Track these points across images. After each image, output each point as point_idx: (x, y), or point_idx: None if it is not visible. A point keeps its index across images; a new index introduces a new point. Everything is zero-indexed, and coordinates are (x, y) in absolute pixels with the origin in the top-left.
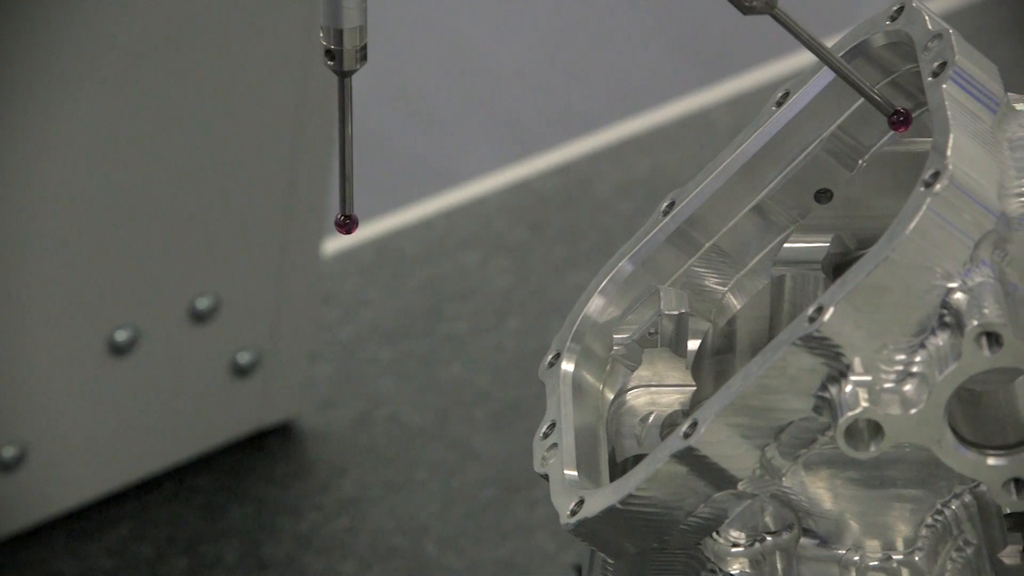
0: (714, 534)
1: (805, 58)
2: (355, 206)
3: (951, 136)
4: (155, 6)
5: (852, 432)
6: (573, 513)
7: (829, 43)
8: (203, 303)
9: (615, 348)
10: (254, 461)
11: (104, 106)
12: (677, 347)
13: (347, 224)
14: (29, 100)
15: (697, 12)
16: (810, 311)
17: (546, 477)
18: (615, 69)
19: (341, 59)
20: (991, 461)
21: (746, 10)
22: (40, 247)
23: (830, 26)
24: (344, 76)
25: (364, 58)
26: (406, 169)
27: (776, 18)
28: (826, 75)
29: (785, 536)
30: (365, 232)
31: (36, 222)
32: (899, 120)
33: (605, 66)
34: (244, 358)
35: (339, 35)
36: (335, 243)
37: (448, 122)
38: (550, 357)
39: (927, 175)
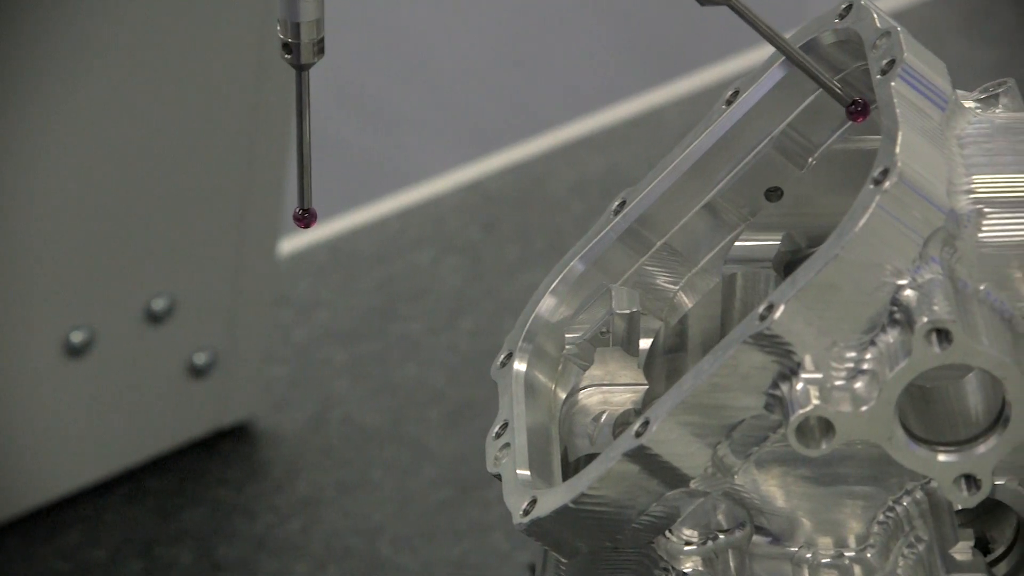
0: (667, 532)
1: (756, 57)
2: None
3: (900, 133)
4: (106, 6)
5: (803, 430)
6: (526, 513)
7: None
8: (159, 304)
9: (567, 347)
10: (208, 463)
11: (57, 108)
12: (629, 346)
13: (305, 218)
14: None
15: (649, 12)
16: (761, 309)
17: (499, 477)
18: (567, 69)
19: (298, 52)
20: (942, 457)
21: (703, 1)
22: None
23: (780, 24)
24: (302, 70)
25: (321, 51)
26: (359, 170)
27: (733, 8)
28: (776, 74)
29: (737, 534)
30: (319, 233)
31: None
32: (857, 110)
33: (557, 66)
34: (201, 359)
35: (296, 29)
36: (289, 244)
37: (401, 122)
38: (502, 357)
39: (876, 172)
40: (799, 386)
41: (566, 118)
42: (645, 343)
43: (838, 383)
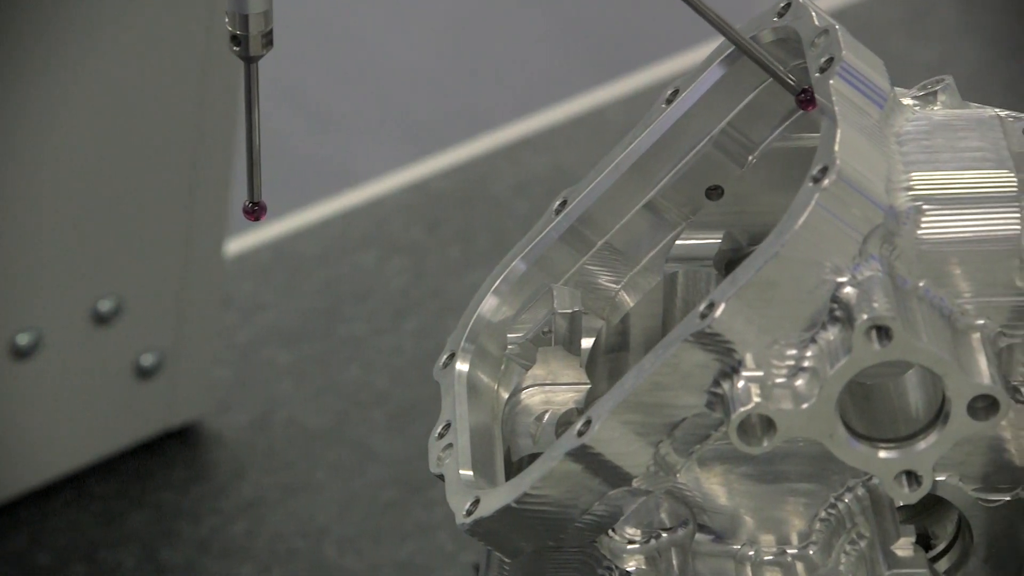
0: (610, 531)
1: (699, 56)
2: None
3: (839, 131)
4: (44, 4)
5: (745, 427)
6: (469, 513)
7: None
8: (105, 305)
9: (509, 347)
10: (152, 466)
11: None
12: (571, 345)
13: (255, 211)
14: None
15: (591, 11)
16: (701, 307)
17: (441, 477)
18: (510, 68)
19: (247, 44)
20: (883, 454)
21: None
22: None
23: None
24: (250, 62)
25: (270, 43)
26: (302, 170)
27: None
28: (715, 72)
29: (680, 532)
30: (262, 234)
31: None
32: (806, 98)
33: (500, 65)
34: (148, 360)
35: (244, 20)
36: (232, 246)
37: (344, 122)
38: (444, 357)
39: (815, 170)
40: (740, 384)
41: (509, 118)
42: (587, 342)
43: (779, 381)
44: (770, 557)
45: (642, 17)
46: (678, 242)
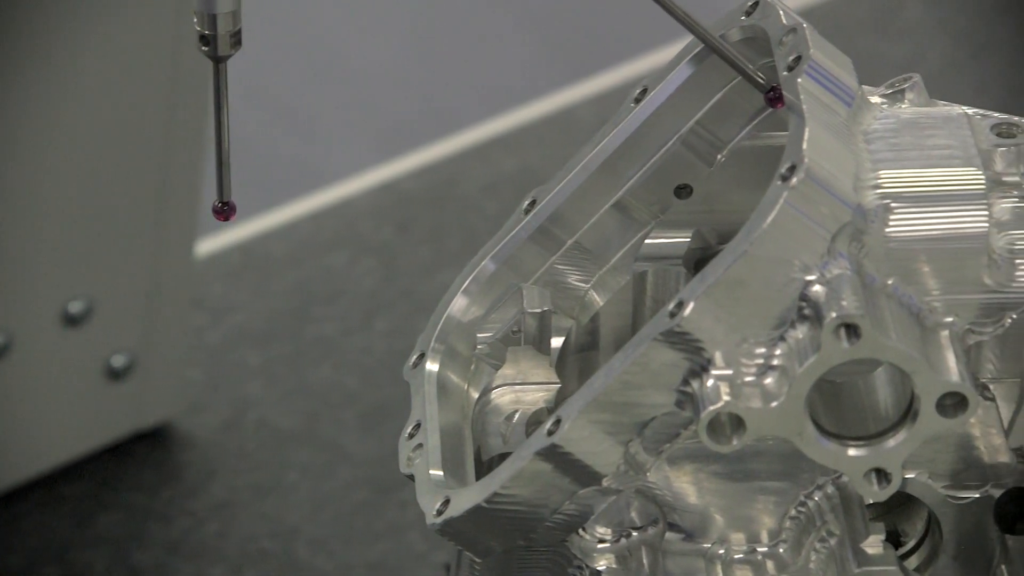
0: (580, 531)
1: (668, 55)
2: None
3: (807, 129)
4: (12, 4)
5: (714, 426)
6: (439, 513)
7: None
8: (76, 306)
9: (479, 347)
10: (123, 468)
11: None
12: (541, 345)
13: (224, 210)
14: None
15: (560, 11)
16: (671, 306)
17: (412, 478)
18: (479, 68)
19: (216, 44)
20: (852, 452)
21: None
22: None
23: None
24: (219, 61)
25: (239, 43)
26: (272, 171)
27: None
28: (684, 71)
29: (650, 531)
30: (232, 236)
31: None
32: (775, 96)
33: (469, 65)
34: (119, 361)
35: (213, 20)
36: (202, 247)
37: (313, 123)
38: (414, 357)
39: (784, 169)
40: (709, 383)
41: (478, 118)
42: (557, 342)
43: (748, 379)
44: (740, 555)
45: (611, 16)
46: (647, 241)
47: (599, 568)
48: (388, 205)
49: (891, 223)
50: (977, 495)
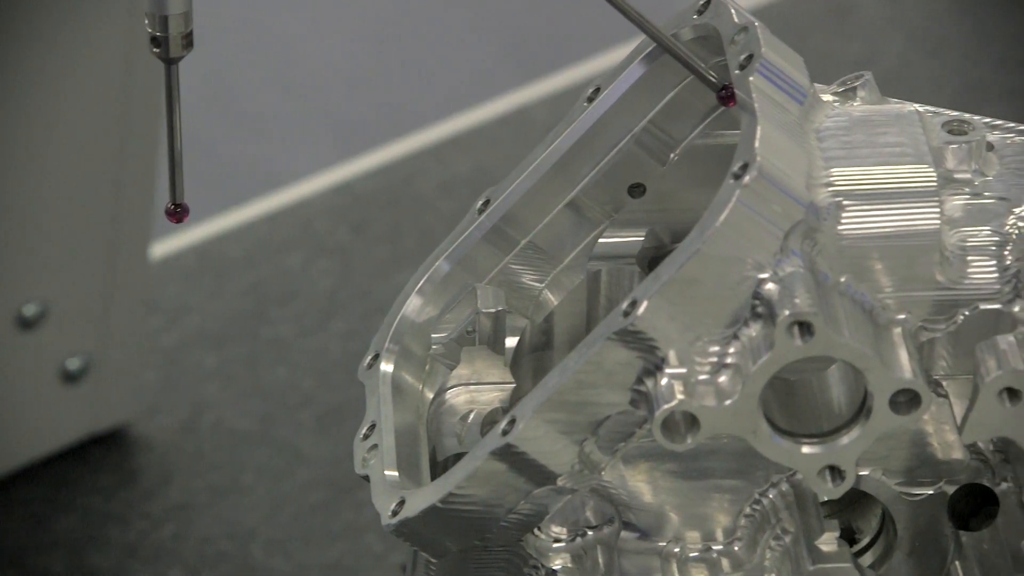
0: (535, 530)
1: (622, 55)
2: None
3: (759, 128)
4: None
5: (668, 425)
6: (394, 514)
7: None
8: (30, 310)
9: (434, 347)
10: (79, 471)
11: None
12: (495, 345)
13: (177, 212)
14: None
15: (515, 11)
16: (624, 305)
17: (367, 478)
18: (435, 68)
19: (167, 46)
20: (806, 449)
21: None
22: None
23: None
24: (171, 63)
25: (190, 44)
26: (227, 172)
27: None
28: (636, 70)
29: (606, 530)
30: (187, 238)
31: None
32: (727, 95)
33: (425, 66)
34: (74, 364)
35: (164, 22)
36: (158, 249)
37: (268, 124)
38: (369, 358)
39: (736, 167)
40: (663, 381)
41: (434, 118)
42: (511, 341)
43: (702, 377)
44: (695, 554)
45: (566, 16)
46: (601, 240)
47: (555, 567)
48: (344, 206)
49: (843, 221)
50: (931, 492)
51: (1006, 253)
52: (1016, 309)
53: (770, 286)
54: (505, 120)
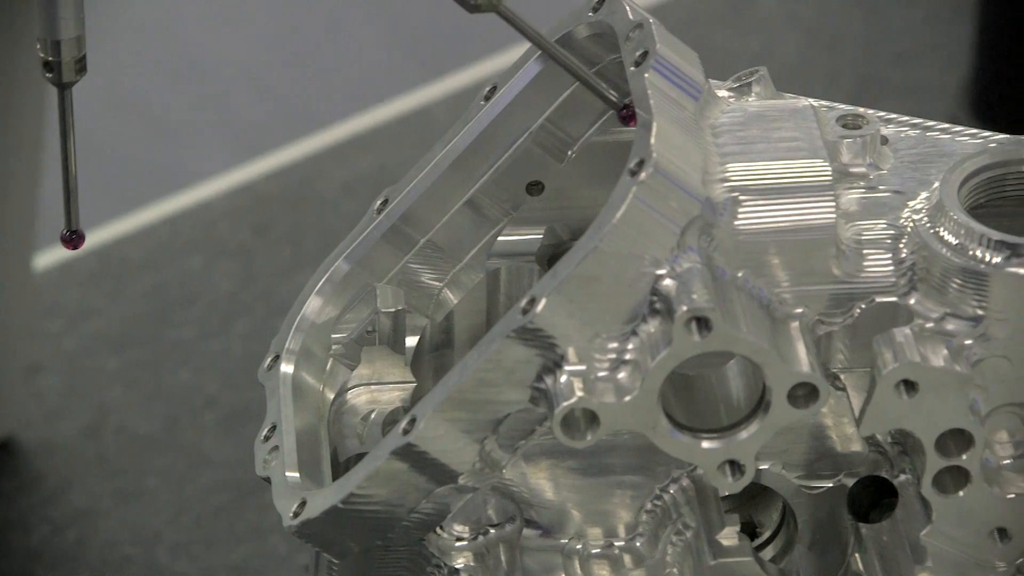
0: (437, 529)
1: (520, 54)
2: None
3: (654, 124)
4: None
5: (568, 422)
6: (296, 515)
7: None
8: None
9: (334, 347)
10: None
11: None
12: (395, 344)
13: (73, 239)
14: None
15: (415, 11)
16: (523, 303)
17: (268, 480)
18: (335, 69)
19: (60, 71)
20: (705, 444)
21: (472, 8)
22: None
23: (547, 19)
24: (63, 88)
25: (83, 69)
26: (126, 174)
27: (502, 16)
28: (532, 68)
29: (508, 528)
30: (87, 241)
31: None
32: (628, 114)
33: (325, 66)
34: None
35: (56, 47)
36: (57, 253)
37: (168, 125)
38: (269, 359)
39: (632, 164)
40: (563, 379)
41: (334, 118)
42: (412, 340)
43: (601, 374)
44: (598, 550)
45: (466, 16)
46: (500, 238)
47: (457, 566)
48: (245, 207)
49: (740, 216)
50: (830, 484)
51: (901, 246)
52: (912, 302)
53: (668, 282)
54: (406, 119)
